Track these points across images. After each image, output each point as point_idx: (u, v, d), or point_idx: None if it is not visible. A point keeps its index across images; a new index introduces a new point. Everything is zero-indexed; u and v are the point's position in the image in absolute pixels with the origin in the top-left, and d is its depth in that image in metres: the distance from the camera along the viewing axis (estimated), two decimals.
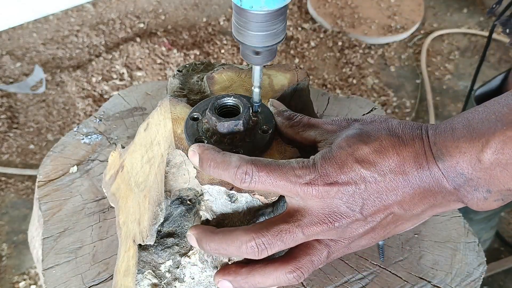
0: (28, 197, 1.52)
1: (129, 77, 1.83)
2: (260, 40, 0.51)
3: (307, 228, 0.50)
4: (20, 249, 1.42)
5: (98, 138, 0.76)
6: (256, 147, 0.55)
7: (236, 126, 0.54)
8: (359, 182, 0.49)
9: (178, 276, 0.56)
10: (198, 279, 0.56)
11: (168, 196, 0.54)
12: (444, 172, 0.48)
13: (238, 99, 0.56)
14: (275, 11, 0.49)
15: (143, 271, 0.55)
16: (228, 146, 0.54)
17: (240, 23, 0.50)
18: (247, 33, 0.50)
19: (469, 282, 0.63)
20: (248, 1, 0.47)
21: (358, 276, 0.62)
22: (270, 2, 0.47)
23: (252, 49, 0.52)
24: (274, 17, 0.49)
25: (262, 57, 0.52)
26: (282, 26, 0.51)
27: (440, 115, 1.79)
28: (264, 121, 0.57)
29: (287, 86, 0.62)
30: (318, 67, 1.93)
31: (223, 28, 2.06)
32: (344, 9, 2.14)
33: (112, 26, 2.03)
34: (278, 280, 0.52)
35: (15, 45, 1.94)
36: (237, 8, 0.49)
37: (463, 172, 0.47)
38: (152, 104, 0.81)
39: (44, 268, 0.62)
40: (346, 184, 0.49)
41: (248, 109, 0.55)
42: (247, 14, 0.49)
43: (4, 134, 1.66)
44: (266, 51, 0.52)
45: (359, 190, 0.49)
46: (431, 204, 0.50)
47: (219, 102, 0.57)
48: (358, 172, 0.49)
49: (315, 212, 0.50)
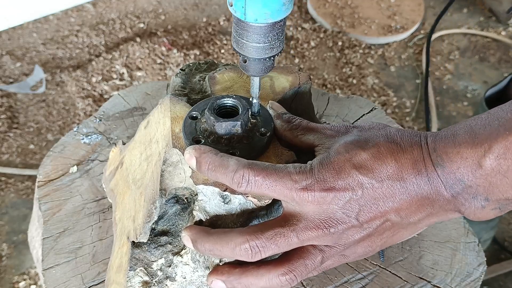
0: (28, 197, 1.52)
1: (129, 77, 1.83)
2: (259, 51, 0.51)
3: (302, 233, 0.50)
4: (20, 249, 1.42)
5: (98, 138, 0.76)
6: (253, 149, 0.55)
7: (234, 127, 0.54)
8: (356, 188, 0.49)
9: (170, 275, 0.56)
10: (190, 279, 0.56)
11: (163, 194, 0.54)
12: (443, 179, 0.48)
13: (238, 100, 0.56)
14: (275, 23, 0.49)
15: (135, 268, 0.55)
16: (225, 147, 0.54)
17: (240, 35, 0.51)
18: (246, 44, 0.51)
19: (469, 282, 0.63)
20: (252, 15, 0.48)
21: (358, 276, 0.62)
22: (275, 13, 0.48)
23: (250, 60, 0.52)
24: (274, 29, 0.50)
25: (261, 68, 0.53)
26: (281, 37, 0.51)
27: (440, 115, 1.79)
28: (263, 123, 0.57)
29: (288, 89, 0.62)
30: (318, 67, 1.93)
31: (223, 28, 2.05)
32: (344, 9, 2.14)
33: (112, 26, 2.03)
34: (270, 282, 0.52)
35: (15, 45, 1.94)
36: (237, 20, 0.50)
37: (462, 178, 0.47)
38: (152, 104, 0.81)
39: (44, 268, 0.62)
40: (343, 190, 0.49)
41: (247, 111, 0.55)
42: (248, 26, 0.49)
43: (4, 134, 1.66)
44: (264, 62, 0.52)
45: (356, 196, 0.49)
46: (428, 213, 0.50)
47: (218, 102, 0.57)
48: (355, 178, 0.49)
49: (310, 217, 0.50)
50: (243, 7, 0.47)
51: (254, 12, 0.47)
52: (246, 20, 0.48)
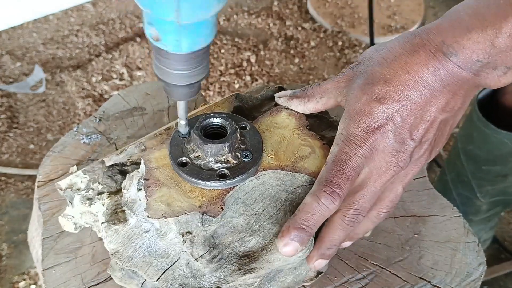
0: (28, 197, 1.52)
1: (129, 77, 1.83)
2: (182, 78, 0.49)
3: (377, 184, 0.53)
4: (20, 249, 1.42)
5: (98, 138, 0.76)
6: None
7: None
8: (393, 117, 0.51)
9: (90, 199, 0.61)
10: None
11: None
12: (459, 64, 0.49)
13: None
14: (197, 51, 0.47)
15: (85, 172, 0.62)
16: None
17: (161, 62, 0.48)
18: (169, 72, 0.49)
19: (469, 282, 0.63)
20: (187, 46, 0.45)
21: (358, 276, 0.62)
22: (207, 39, 0.46)
23: (174, 86, 0.50)
24: (197, 56, 0.48)
25: (186, 93, 0.51)
26: (205, 62, 0.49)
27: None
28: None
29: (308, 173, 0.58)
30: (318, 67, 1.93)
31: (223, 28, 2.05)
32: (344, 9, 2.14)
33: (112, 26, 2.02)
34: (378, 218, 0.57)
35: (15, 45, 1.94)
36: (158, 49, 0.47)
37: (478, 59, 0.49)
38: (151, 104, 0.81)
39: (44, 268, 0.62)
40: (384, 125, 0.51)
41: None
42: (169, 55, 0.47)
43: (4, 134, 1.66)
44: (189, 87, 0.50)
45: (398, 123, 0.51)
46: (464, 94, 0.52)
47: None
48: (386, 110, 0.51)
49: (377, 168, 0.53)
50: (177, 40, 0.45)
51: (189, 42, 0.45)
52: (183, 52, 0.46)
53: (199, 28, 0.44)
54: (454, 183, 1.19)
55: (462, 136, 1.14)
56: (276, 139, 0.60)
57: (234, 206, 0.56)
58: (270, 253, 0.55)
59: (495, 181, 1.11)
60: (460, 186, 1.17)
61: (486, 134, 1.02)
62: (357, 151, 0.52)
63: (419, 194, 0.71)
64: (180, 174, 0.56)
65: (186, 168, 0.56)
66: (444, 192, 1.05)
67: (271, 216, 0.56)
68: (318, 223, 0.53)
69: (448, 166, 1.22)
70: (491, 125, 1.00)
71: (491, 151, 1.04)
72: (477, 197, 1.15)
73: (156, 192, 0.54)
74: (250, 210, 0.56)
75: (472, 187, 1.14)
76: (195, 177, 0.55)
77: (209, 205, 0.54)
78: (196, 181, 0.55)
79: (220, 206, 0.54)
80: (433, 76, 0.50)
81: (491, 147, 1.03)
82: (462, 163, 1.13)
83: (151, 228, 0.55)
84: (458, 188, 1.18)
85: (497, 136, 1.00)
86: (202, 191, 0.55)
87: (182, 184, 0.56)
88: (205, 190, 0.55)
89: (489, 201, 1.16)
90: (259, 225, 0.55)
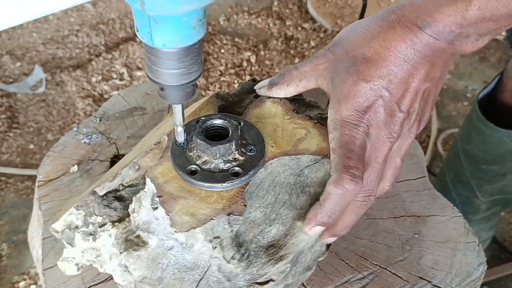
0: (28, 197, 1.52)
1: (129, 77, 1.83)
2: (175, 78, 0.48)
3: (379, 159, 0.55)
4: (20, 249, 1.42)
5: (98, 138, 0.76)
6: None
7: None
8: (381, 93, 0.53)
9: (95, 234, 0.57)
10: (108, 250, 0.57)
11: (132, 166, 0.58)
12: (434, 35, 0.52)
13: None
14: (190, 47, 0.46)
15: (79, 208, 0.57)
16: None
17: (153, 63, 0.47)
18: (161, 71, 0.47)
19: (469, 282, 0.63)
20: (160, 40, 0.44)
21: (359, 276, 0.62)
22: (184, 38, 0.45)
23: (168, 88, 0.49)
24: (190, 53, 0.47)
25: (181, 95, 0.50)
26: (198, 61, 0.48)
27: (440, 114, 1.79)
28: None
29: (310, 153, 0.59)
30: None
31: (223, 28, 2.05)
32: (344, 9, 2.14)
33: (112, 26, 2.02)
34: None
35: (15, 45, 1.94)
36: (147, 47, 0.46)
37: (451, 29, 0.52)
38: (151, 104, 0.81)
39: (44, 268, 0.62)
40: (374, 102, 0.53)
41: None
42: (160, 52, 0.46)
43: (4, 134, 1.66)
44: (183, 88, 0.49)
45: (386, 98, 0.53)
46: (442, 63, 0.54)
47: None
48: (373, 88, 0.53)
49: (375, 142, 0.55)
50: (149, 32, 0.44)
51: (161, 37, 0.44)
52: (154, 46, 0.45)
53: (170, 23, 0.44)
54: (453, 183, 1.19)
55: (461, 136, 1.14)
56: (270, 129, 0.60)
57: (250, 201, 0.56)
58: (294, 236, 0.55)
59: (494, 180, 1.11)
60: (459, 186, 1.18)
61: (485, 134, 1.02)
62: (357, 130, 0.53)
63: (419, 194, 0.71)
64: (193, 183, 0.55)
65: (197, 175, 0.55)
66: (444, 192, 1.06)
67: (285, 202, 0.56)
68: (343, 209, 0.55)
69: (447, 167, 1.23)
70: (490, 124, 1.00)
71: (489, 150, 1.05)
72: (476, 197, 1.16)
73: (175, 206, 0.53)
74: (264, 201, 0.56)
75: (471, 187, 1.15)
76: (210, 182, 0.55)
77: (231, 205, 0.54)
78: (212, 185, 0.55)
79: (243, 203, 0.54)
80: (411, 49, 0.53)
81: (490, 146, 1.04)
82: (461, 163, 1.13)
83: (174, 244, 0.54)
84: (457, 188, 1.18)
85: (495, 135, 1.00)
86: (220, 193, 0.55)
87: (197, 192, 0.55)
88: (223, 192, 0.55)
89: (488, 200, 1.17)
90: (275, 214, 0.56)
